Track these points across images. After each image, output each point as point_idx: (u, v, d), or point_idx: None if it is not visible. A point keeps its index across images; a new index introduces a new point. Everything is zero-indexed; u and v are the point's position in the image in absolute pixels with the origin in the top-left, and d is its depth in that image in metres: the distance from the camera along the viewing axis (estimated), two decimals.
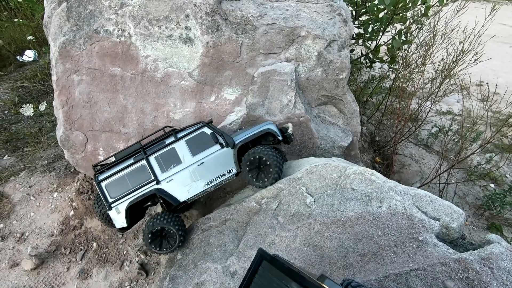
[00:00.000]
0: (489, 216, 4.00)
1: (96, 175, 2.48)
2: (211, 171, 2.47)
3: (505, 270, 1.28)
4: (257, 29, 3.01)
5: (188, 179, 2.46)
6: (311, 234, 1.83)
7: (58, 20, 3.01)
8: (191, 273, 2.19)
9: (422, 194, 1.69)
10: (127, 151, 2.54)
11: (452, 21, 3.83)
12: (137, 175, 2.45)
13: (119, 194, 2.44)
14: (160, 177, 2.45)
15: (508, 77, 8.11)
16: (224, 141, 2.47)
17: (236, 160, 2.46)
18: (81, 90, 3.11)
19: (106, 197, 2.44)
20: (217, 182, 2.49)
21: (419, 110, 4.41)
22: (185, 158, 2.47)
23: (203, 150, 2.48)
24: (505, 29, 11.77)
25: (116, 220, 2.46)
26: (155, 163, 2.46)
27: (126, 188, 2.44)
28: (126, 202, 2.43)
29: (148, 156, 2.46)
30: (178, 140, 2.49)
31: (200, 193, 2.50)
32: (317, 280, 1.12)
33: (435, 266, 1.37)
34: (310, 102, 3.32)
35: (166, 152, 2.47)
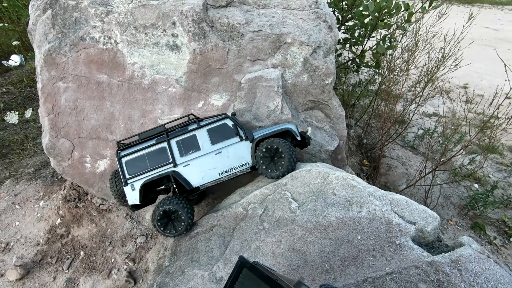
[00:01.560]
0: (473, 216, 4.12)
1: (118, 151, 2.59)
2: (227, 161, 2.56)
3: (473, 272, 1.34)
4: (244, 36, 3.05)
5: (204, 166, 2.55)
6: (294, 239, 1.86)
7: (43, 27, 2.99)
8: (178, 280, 2.20)
9: (399, 199, 1.74)
10: (151, 132, 2.65)
11: (434, 27, 3.95)
12: (156, 156, 2.55)
13: (136, 172, 2.54)
14: (178, 160, 2.55)
15: (491, 79, 8.36)
16: (244, 134, 2.58)
17: (253, 154, 2.54)
18: (67, 98, 3.09)
19: (124, 173, 2.54)
20: (231, 172, 2.58)
21: (404, 113, 4.52)
22: (204, 145, 2.57)
23: (222, 140, 2.58)
24: (489, 33, 12.13)
25: (129, 196, 2.53)
26: (175, 147, 2.57)
27: (144, 167, 2.54)
28: (142, 180, 2.52)
29: (170, 139, 2.56)
30: (200, 128, 2.59)
31: (213, 181, 2.57)
32: (294, 286, 1.15)
33: (409, 269, 1.42)
34: (297, 107, 3.37)
35: (187, 138, 2.58)
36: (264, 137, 2.57)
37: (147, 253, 3.00)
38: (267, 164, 2.47)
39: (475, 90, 7.59)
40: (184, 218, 2.45)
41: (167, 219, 2.50)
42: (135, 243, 3.08)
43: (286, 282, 1.17)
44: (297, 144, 2.78)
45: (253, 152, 2.53)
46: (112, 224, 3.23)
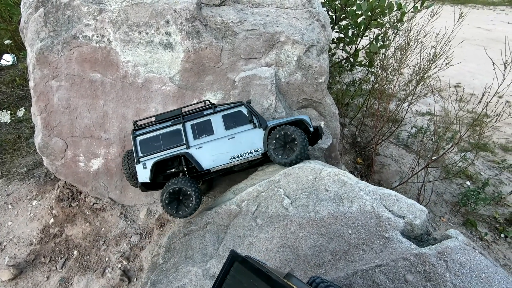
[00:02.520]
0: (464, 212, 4.18)
1: (134, 130, 2.66)
2: (239, 147, 2.62)
3: (458, 263, 1.37)
4: (237, 35, 3.07)
5: (216, 149, 2.61)
6: (287, 234, 1.88)
7: (35, 25, 2.97)
8: (172, 277, 2.21)
9: (389, 194, 1.78)
10: (167, 114, 2.72)
11: (426, 27, 4.01)
12: (170, 137, 2.63)
13: (150, 151, 2.60)
14: (191, 143, 2.62)
15: (483, 78, 8.48)
16: (257, 122, 2.64)
17: (265, 141, 2.60)
18: (60, 96, 3.07)
19: (137, 151, 2.60)
20: (242, 158, 2.63)
21: (397, 112, 4.57)
22: (218, 130, 2.64)
23: (236, 126, 2.65)
24: (481, 33, 12.30)
25: (140, 174, 2.58)
26: (190, 130, 2.64)
27: (158, 146, 2.60)
28: (154, 158, 2.57)
29: (185, 122, 2.64)
30: (215, 113, 2.67)
31: (224, 165, 2.62)
32: (283, 278, 1.17)
33: (397, 261, 1.45)
34: (290, 105, 3.39)
35: (202, 122, 2.65)
36: (277, 125, 2.65)
37: (142, 252, 2.99)
38: (279, 150, 2.52)
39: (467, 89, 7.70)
40: (193, 198, 2.48)
41: (175, 198, 2.53)
42: (129, 241, 3.08)
43: (276, 274, 1.19)
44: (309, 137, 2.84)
45: (266, 139, 2.59)
46: (106, 223, 3.22)
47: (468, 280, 1.32)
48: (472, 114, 6.06)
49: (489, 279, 1.32)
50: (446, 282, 1.34)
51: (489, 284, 1.30)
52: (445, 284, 1.34)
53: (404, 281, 1.40)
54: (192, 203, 2.50)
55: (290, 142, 2.54)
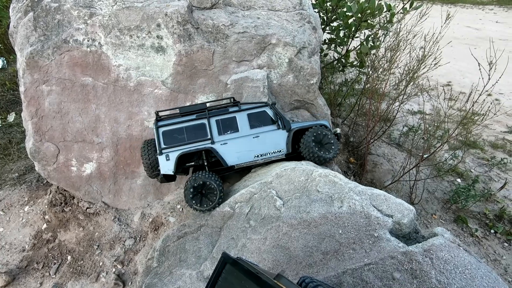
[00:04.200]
0: (455, 209, 4.25)
1: (156, 121, 2.65)
2: (263, 146, 2.69)
3: (443, 260, 1.42)
4: (229, 38, 3.09)
5: (241, 147, 2.66)
6: (279, 235, 1.91)
7: (24, 30, 2.95)
8: (166, 280, 2.21)
9: (378, 193, 1.81)
10: (192, 108, 2.74)
11: (415, 27, 4.08)
12: (195, 131, 2.65)
13: (173, 143, 2.61)
14: (216, 138, 2.66)
15: (473, 77, 8.63)
16: (281, 124, 2.73)
17: (289, 142, 2.70)
18: (51, 101, 3.06)
19: (160, 142, 2.60)
20: (266, 157, 2.70)
21: (389, 111, 4.63)
22: (243, 128, 2.70)
23: (261, 126, 2.72)
24: (470, 32, 12.53)
25: (163, 165, 2.59)
26: (214, 125, 2.68)
27: (182, 139, 2.63)
28: (178, 151, 2.59)
29: (210, 117, 2.67)
30: (241, 111, 2.72)
31: (248, 162, 2.68)
32: (273, 279, 1.19)
33: (385, 260, 1.49)
34: (283, 107, 3.42)
35: (227, 118, 2.70)
36: (300, 128, 2.77)
37: (136, 256, 2.99)
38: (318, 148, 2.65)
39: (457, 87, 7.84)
40: (215, 188, 2.51)
41: (199, 194, 2.55)
42: (123, 245, 3.07)
43: (267, 275, 1.21)
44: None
45: (289, 140, 2.69)
46: (99, 228, 3.21)
47: (452, 276, 1.37)
48: (462, 113, 6.18)
49: (472, 274, 1.36)
50: (431, 279, 1.38)
51: (472, 280, 1.34)
52: (430, 280, 1.38)
53: (391, 278, 1.43)
54: (216, 197, 2.52)
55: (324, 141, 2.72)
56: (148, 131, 3.18)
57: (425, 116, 4.81)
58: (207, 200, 2.54)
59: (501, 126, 6.24)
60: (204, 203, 2.53)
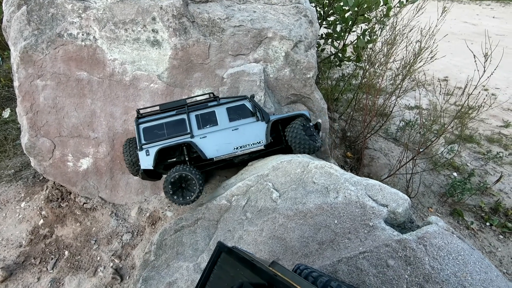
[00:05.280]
0: (451, 203, 4.29)
1: (137, 118, 2.66)
2: (242, 138, 2.70)
3: (436, 246, 1.43)
4: (225, 31, 3.07)
5: (220, 139, 2.67)
6: (275, 227, 1.92)
7: (18, 24, 2.92)
8: (163, 273, 2.22)
9: (373, 184, 1.82)
10: (172, 104, 2.74)
11: (412, 21, 4.08)
12: (175, 126, 2.66)
13: (153, 139, 2.62)
14: (195, 132, 2.67)
15: (470, 72, 8.65)
16: (260, 116, 2.74)
17: (268, 133, 2.71)
18: (46, 96, 3.03)
19: (141, 138, 2.61)
20: (245, 148, 2.70)
21: (385, 106, 4.65)
22: (222, 121, 2.71)
23: (239, 118, 2.73)
24: (467, 27, 12.54)
25: (143, 160, 2.59)
26: (194, 120, 2.69)
27: (162, 135, 2.63)
28: (158, 146, 2.59)
29: (190, 112, 2.69)
30: (219, 105, 2.74)
31: (227, 155, 2.68)
32: (268, 266, 1.20)
33: (380, 248, 1.50)
34: (279, 101, 3.42)
35: (207, 112, 2.71)
36: (278, 119, 2.78)
37: (133, 250, 2.99)
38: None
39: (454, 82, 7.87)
40: (195, 182, 2.52)
41: (179, 186, 2.55)
42: (121, 240, 3.07)
43: (261, 262, 1.22)
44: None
45: (268, 131, 2.70)
46: (97, 223, 3.21)
47: (446, 262, 1.38)
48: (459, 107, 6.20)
49: (465, 260, 1.37)
50: (425, 265, 1.39)
51: (465, 265, 1.35)
52: (424, 267, 1.39)
53: (386, 266, 1.45)
54: (196, 186, 2.53)
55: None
56: None
57: (421, 110, 4.82)
58: (189, 192, 2.55)
59: (497, 121, 6.28)
60: (187, 195, 2.54)
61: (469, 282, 1.29)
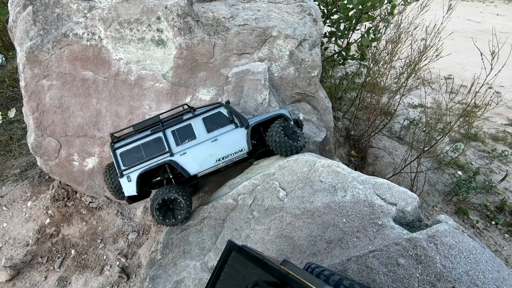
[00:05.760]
0: (456, 201, 4.27)
1: (112, 143, 2.55)
2: (223, 148, 2.59)
3: (447, 245, 1.43)
4: (229, 30, 3.07)
5: (201, 153, 2.57)
6: (283, 225, 1.92)
7: (24, 24, 2.93)
8: (170, 272, 2.23)
9: (381, 182, 1.82)
10: (145, 123, 2.63)
11: (416, 19, 4.05)
12: (152, 146, 2.54)
13: (132, 163, 2.51)
14: (174, 149, 2.55)
15: (474, 70, 8.60)
16: (239, 122, 2.61)
17: (248, 140, 2.60)
18: (52, 96, 3.05)
19: (119, 165, 2.51)
20: (228, 159, 2.61)
21: (390, 104, 4.63)
22: (200, 134, 2.59)
23: (217, 128, 2.61)
24: (471, 25, 12.46)
25: (126, 187, 2.51)
26: (171, 136, 2.57)
27: (140, 157, 2.52)
28: (138, 170, 2.50)
29: (165, 129, 2.56)
30: (195, 117, 2.61)
31: (211, 168, 2.60)
32: (279, 265, 1.20)
33: (390, 246, 1.50)
34: (284, 100, 3.41)
35: (183, 127, 2.58)
36: (258, 123, 2.66)
37: (139, 249, 3.00)
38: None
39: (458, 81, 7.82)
40: (183, 206, 2.47)
41: (166, 208, 2.51)
42: (126, 239, 3.08)
43: (273, 261, 1.22)
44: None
45: (249, 138, 2.59)
46: (102, 222, 3.22)
47: (457, 261, 1.38)
48: (463, 105, 6.17)
49: (477, 259, 1.37)
50: (436, 264, 1.39)
51: (477, 264, 1.35)
52: (435, 265, 1.39)
53: (396, 264, 1.44)
54: (184, 211, 2.47)
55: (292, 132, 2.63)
56: None
57: (427, 109, 4.80)
58: (178, 211, 2.50)
59: (501, 119, 6.24)
60: (178, 215, 2.49)
61: (481, 281, 1.28)
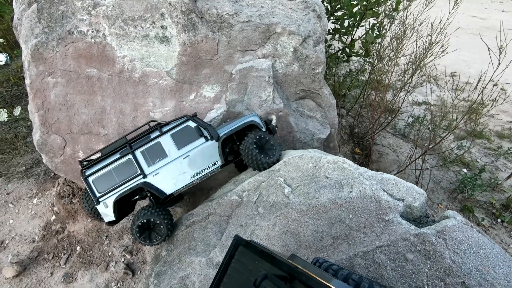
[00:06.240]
0: (462, 199, 4.24)
1: (83, 171, 2.49)
2: (196, 164, 2.53)
3: (456, 240, 1.41)
4: (233, 27, 3.06)
5: (174, 172, 2.51)
6: (288, 222, 1.91)
7: (29, 22, 2.94)
8: (176, 268, 2.23)
9: (388, 178, 1.81)
10: (113, 146, 2.56)
11: (421, 15, 4.01)
12: (123, 169, 2.48)
13: (106, 189, 2.47)
14: (147, 170, 2.49)
15: (478, 67, 8.51)
16: (208, 134, 2.53)
17: (220, 153, 2.53)
18: (57, 93, 3.06)
19: (94, 192, 2.47)
20: (202, 174, 2.55)
21: (394, 101, 4.60)
22: (170, 151, 2.51)
23: (188, 143, 2.53)
24: (476, 22, 12.32)
25: (104, 214, 2.49)
26: (141, 157, 2.49)
27: (113, 182, 2.47)
28: (113, 196, 2.46)
29: (134, 150, 2.49)
30: (163, 134, 2.52)
31: (186, 185, 2.54)
32: (287, 259, 1.20)
33: (397, 242, 1.49)
34: (288, 97, 3.40)
35: (152, 146, 2.50)
36: (228, 134, 2.56)
37: (144, 246, 3.01)
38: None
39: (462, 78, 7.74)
40: (161, 223, 2.45)
41: (147, 230, 2.51)
42: (131, 236, 3.09)
43: (280, 255, 1.22)
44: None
45: (220, 150, 2.52)
46: None
47: (467, 256, 1.36)
48: (468, 103, 6.11)
49: (487, 254, 1.36)
50: (445, 259, 1.38)
51: (487, 259, 1.34)
52: (444, 260, 1.38)
53: (404, 260, 1.44)
54: (164, 231, 2.47)
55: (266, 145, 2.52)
56: None
57: (431, 106, 4.77)
58: (158, 232, 2.49)
59: (507, 116, 6.18)
60: (159, 235, 2.49)
61: (492, 276, 1.27)
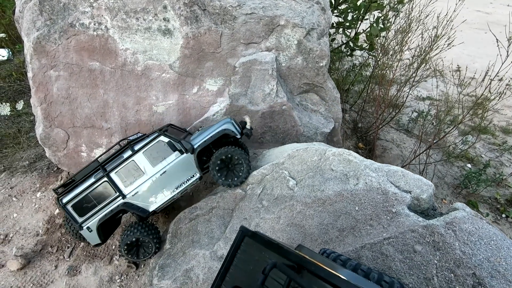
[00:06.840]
0: (466, 194, 4.21)
1: (59, 199, 2.44)
2: (174, 179, 2.49)
3: (466, 231, 1.39)
4: (237, 19, 3.02)
5: (153, 189, 2.48)
6: (293, 214, 1.90)
7: (30, 14, 2.91)
8: (180, 261, 2.23)
9: (395, 170, 1.78)
10: (86, 171, 2.52)
11: (427, 8, 3.95)
12: (101, 192, 2.45)
13: (87, 213, 2.45)
14: (125, 191, 2.47)
15: (483, 62, 8.40)
16: (182, 148, 2.46)
17: (197, 165, 2.47)
18: (59, 86, 3.04)
19: (75, 218, 2.45)
20: (182, 188, 2.52)
21: (398, 96, 4.55)
22: (146, 169, 2.46)
23: (163, 159, 2.47)
24: (481, 16, 12.16)
25: (89, 238, 2.50)
26: (117, 179, 2.45)
27: (93, 207, 2.45)
28: (95, 220, 2.46)
29: (109, 172, 2.43)
30: (136, 153, 2.45)
31: (167, 201, 2.53)
32: (295, 249, 1.18)
33: (405, 234, 1.47)
34: (292, 90, 3.37)
35: (126, 166, 2.45)
36: (203, 146, 2.47)
37: None
38: (226, 174, 2.40)
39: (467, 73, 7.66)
40: (149, 241, 2.48)
41: (135, 247, 2.54)
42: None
43: (287, 246, 1.20)
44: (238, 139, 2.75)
45: (197, 163, 2.46)
46: None
47: (477, 247, 1.34)
48: (473, 98, 6.04)
49: (498, 245, 1.34)
50: (455, 250, 1.36)
51: (498, 250, 1.32)
52: (454, 252, 1.36)
53: (413, 251, 1.42)
54: (152, 247, 2.50)
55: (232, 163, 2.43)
56: (156, 116, 3.16)
57: (435, 101, 4.72)
58: (146, 249, 2.53)
59: None
60: (146, 252, 2.54)
61: (503, 267, 1.25)
